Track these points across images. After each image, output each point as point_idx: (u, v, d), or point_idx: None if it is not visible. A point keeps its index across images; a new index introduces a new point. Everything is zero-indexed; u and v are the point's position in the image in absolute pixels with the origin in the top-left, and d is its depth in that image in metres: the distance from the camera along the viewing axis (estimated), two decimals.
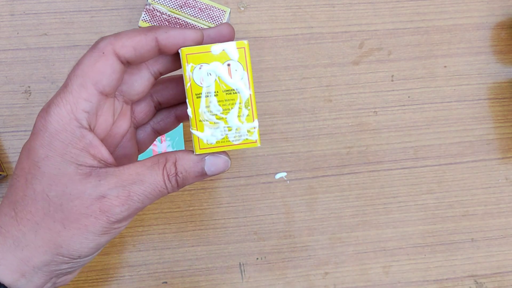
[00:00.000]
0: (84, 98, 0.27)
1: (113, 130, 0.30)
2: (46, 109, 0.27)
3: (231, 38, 0.29)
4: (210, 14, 0.42)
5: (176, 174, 0.28)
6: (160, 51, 0.28)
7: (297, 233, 0.45)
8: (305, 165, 0.45)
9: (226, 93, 0.28)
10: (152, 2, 0.42)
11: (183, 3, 0.42)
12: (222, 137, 0.28)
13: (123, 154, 0.32)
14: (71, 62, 0.45)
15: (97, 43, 0.27)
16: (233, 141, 0.28)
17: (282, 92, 0.46)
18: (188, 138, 0.44)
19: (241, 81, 0.28)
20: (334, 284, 0.44)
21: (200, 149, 0.28)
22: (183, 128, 0.43)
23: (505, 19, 0.48)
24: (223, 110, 0.28)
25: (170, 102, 0.34)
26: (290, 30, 0.47)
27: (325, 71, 0.46)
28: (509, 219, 0.46)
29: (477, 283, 0.45)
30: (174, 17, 0.42)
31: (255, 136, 0.28)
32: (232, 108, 0.28)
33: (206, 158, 0.28)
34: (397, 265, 0.45)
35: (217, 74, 0.28)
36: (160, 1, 0.42)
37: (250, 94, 0.28)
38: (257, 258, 0.44)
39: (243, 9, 0.47)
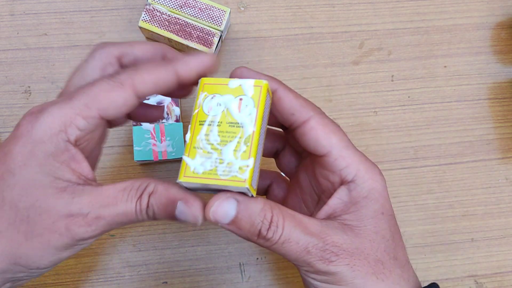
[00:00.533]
0: (84, 117, 0.26)
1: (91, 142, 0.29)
2: (36, 114, 0.26)
3: (211, 71, 0.29)
4: (210, 14, 0.42)
5: (147, 207, 0.26)
6: (179, 82, 0.28)
7: None
8: None
9: (230, 125, 0.27)
10: (152, 2, 0.42)
11: (183, 3, 0.42)
12: (211, 168, 0.26)
13: (94, 156, 0.31)
14: (71, 62, 0.45)
15: (117, 73, 0.27)
16: (220, 175, 0.26)
17: None
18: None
19: (248, 116, 0.27)
20: None
21: (184, 176, 0.26)
22: (183, 128, 0.43)
23: (505, 19, 0.48)
24: (221, 141, 0.26)
25: (139, 118, 0.34)
26: (290, 30, 0.47)
27: (325, 71, 0.46)
28: (509, 219, 0.46)
29: (477, 283, 0.45)
30: (174, 17, 0.42)
31: (246, 175, 0.25)
32: (230, 141, 0.26)
33: (178, 203, 0.26)
34: None
35: (226, 106, 0.27)
36: (160, 1, 0.42)
37: (254, 131, 0.26)
38: (257, 258, 0.44)
39: (243, 9, 0.47)
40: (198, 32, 0.42)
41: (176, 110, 0.42)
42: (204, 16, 0.42)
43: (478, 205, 0.46)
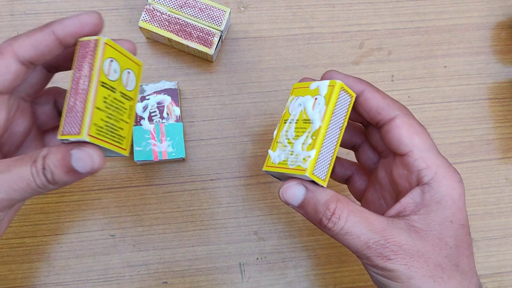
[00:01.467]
0: None
1: (13, 128, 0.30)
2: None
3: (93, 29, 0.28)
4: (210, 14, 0.42)
5: (43, 168, 0.26)
6: (62, 45, 0.28)
7: (297, 233, 0.45)
8: None
9: (303, 122, 0.30)
10: (152, 2, 0.42)
11: (183, 3, 0.42)
12: (284, 159, 0.30)
13: (17, 132, 0.31)
14: None
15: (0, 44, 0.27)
16: (289, 164, 0.29)
17: (282, 92, 0.46)
18: (188, 138, 0.44)
19: (318, 113, 0.29)
20: (334, 284, 0.44)
21: (266, 166, 0.31)
22: (183, 128, 0.43)
23: (505, 19, 0.48)
24: (295, 136, 0.30)
25: (62, 66, 0.33)
26: (290, 30, 0.47)
27: (325, 71, 0.46)
28: (509, 219, 0.46)
29: None
30: (174, 17, 0.42)
31: (307, 164, 0.28)
32: (301, 135, 0.30)
33: (72, 151, 0.26)
34: None
35: (304, 105, 0.30)
36: (160, 1, 0.42)
37: (320, 126, 0.29)
38: (257, 258, 0.44)
39: (243, 9, 0.47)
40: (198, 32, 0.42)
41: (176, 110, 0.42)
42: (204, 16, 0.42)
43: (478, 205, 0.46)
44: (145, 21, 0.42)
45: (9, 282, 0.42)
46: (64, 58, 0.30)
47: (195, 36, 0.42)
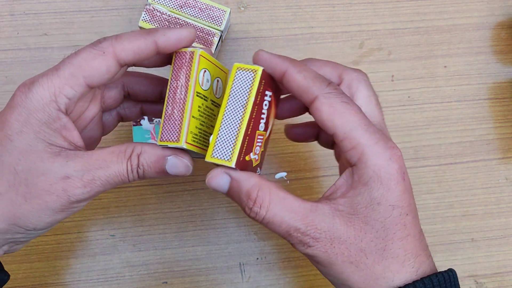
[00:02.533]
0: (71, 86, 0.28)
1: (84, 114, 0.32)
2: (28, 86, 0.28)
3: (189, 43, 0.30)
4: (210, 14, 0.42)
5: (138, 166, 0.29)
6: (158, 53, 0.30)
7: None
8: (305, 165, 0.45)
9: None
10: (152, 2, 0.42)
11: (183, 3, 0.42)
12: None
13: (89, 136, 0.33)
14: None
15: (99, 41, 0.28)
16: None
17: None
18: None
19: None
20: None
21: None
22: None
23: (505, 19, 0.48)
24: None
25: (138, 97, 0.35)
26: (290, 30, 0.47)
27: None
28: (509, 219, 0.46)
29: (477, 283, 0.45)
30: (174, 17, 0.42)
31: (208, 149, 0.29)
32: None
33: (168, 158, 0.29)
34: None
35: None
36: (160, 1, 0.42)
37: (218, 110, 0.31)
38: (257, 258, 0.44)
39: (243, 9, 0.47)
40: (198, 32, 0.42)
41: None
42: (204, 16, 0.42)
43: (478, 205, 0.46)
44: (145, 21, 0.42)
45: (9, 282, 0.42)
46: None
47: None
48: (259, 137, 0.31)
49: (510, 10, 0.48)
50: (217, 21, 0.42)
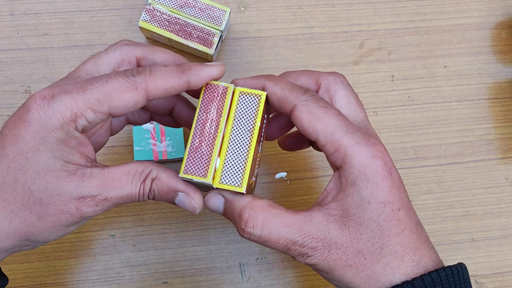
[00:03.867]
0: (94, 111, 0.27)
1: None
2: (48, 100, 0.26)
3: (218, 78, 0.30)
4: (210, 14, 0.42)
5: (150, 191, 0.29)
6: (187, 90, 0.30)
7: None
8: (305, 165, 0.45)
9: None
10: (152, 2, 0.42)
11: (183, 3, 0.42)
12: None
13: (97, 142, 0.33)
14: (71, 62, 0.45)
15: (132, 74, 0.27)
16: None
17: None
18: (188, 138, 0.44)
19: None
20: None
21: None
22: (183, 129, 0.43)
23: (505, 19, 0.48)
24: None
25: (148, 108, 0.35)
26: (290, 30, 0.47)
27: (325, 71, 0.46)
28: (509, 219, 0.46)
29: (477, 283, 0.45)
30: (174, 17, 0.42)
31: (213, 175, 0.29)
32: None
33: (179, 194, 0.29)
34: None
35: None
36: (160, 1, 0.42)
37: (222, 135, 0.30)
38: (257, 258, 0.44)
39: (243, 9, 0.47)
40: (198, 32, 0.42)
41: None
42: (204, 16, 0.42)
43: (478, 205, 0.46)
44: (145, 21, 0.42)
45: (9, 282, 0.42)
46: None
47: (195, 36, 0.42)
48: (257, 159, 0.32)
49: (510, 10, 0.48)
50: (217, 21, 0.42)
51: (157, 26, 0.42)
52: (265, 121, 0.32)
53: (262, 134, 0.32)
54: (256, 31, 0.46)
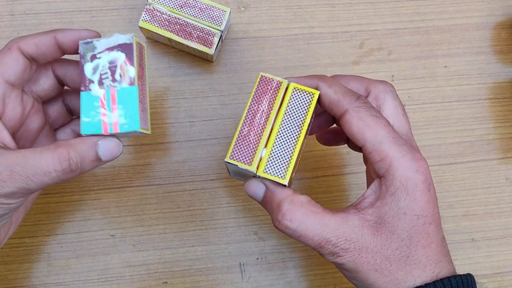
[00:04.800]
0: None
1: (28, 125, 0.34)
2: None
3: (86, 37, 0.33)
4: (210, 14, 0.42)
5: (70, 158, 0.29)
6: (61, 49, 0.32)
7: None
8: (305, 165, 0.45)
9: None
10: (152, 2, 0.42)
11: (183, 3, 0.42)
12: None
13: (30, 129, 0.34)
14: None
15: (8, 43, 0.31)
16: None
17: None
18: (188, 138, 0.44)
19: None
20: (334, 284, 0.44)
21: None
22: (137, 94, 0.33)
23: (505, 19, 0.48)
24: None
25: (75, 83, 0.36)
26: (290, 30, 0.46)
27: (325, 71, 0.46)
28: (510, 219, 0.46)
29: (477, 283, 0.45)
30: (174, 17, 0.42)
31: (258, 163, 0.30)
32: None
33: (98, 142, 0.30)
34: None
35: None
36: (160, 1, 0.42)
37: (272, 127, 0.31)
38: (257, 258, 0.44)
39: (243, 9, 0.47)
40: (198, 32, 0.42)
41: (131, 71, 0.32)
42: (204, 16, 0.42)
43: (478, 205, 0.46)
44: (145, 21, 0.42)
45: (9, 282, 0.42)
46: (70, 77, 0.35)
47: (195, 36, 0.42)
48: (299, 156, 0.33)
49: (510, 10, 0.48)
50: (217, 21, 0.42)
51: (157, 26, 0.42)
52: (312, 120, 0.33)
53: (308, 131, 0.33)
54: (256, 31, 0.46)
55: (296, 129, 0.31)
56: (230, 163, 0.30)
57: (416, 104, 0.47)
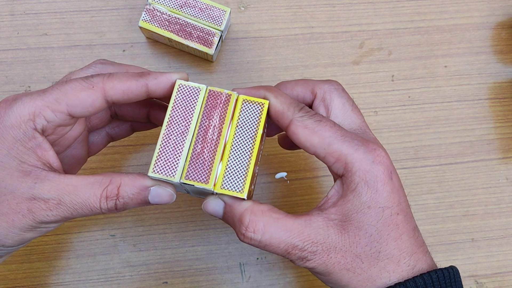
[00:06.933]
0: (52, 110, 0.28)
1: (67, 133, 0.32)
2: (10, 102, 0.28)
3: None
4: (210, 14, 0.42)
5: (118, 198, 0.28)
6: (149, 96, 0.30)
7: None
8: (305, 165, 0.45)
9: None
10: (152, 2, 0.42)
11: (183, 3, 0.42)
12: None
13: (72, 155, 0.33)
14: (71, 62, 0.45)
15: (91, 76, 0.29)
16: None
17: None
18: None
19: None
20: None
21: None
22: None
23: (506, 19, 0.48)
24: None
25: (125, 117, 0.35)
26: (290, 30, 0.46)
27: (325, 71, 0.46)
28: (510, 219, 0.46)
29: (477, 283, 0.45)
30: (174, 17, 0.42)
31: (214, 180, 0.29)
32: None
33: (151, 188, 0.29)
34: None
35: None
36: (160, 1, 0.42)
37: (225, 142, 0.30)
38: (258, 258, 0.44)
39: (243, 9, 0.47)
40: (198, 32, 0.42)
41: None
42: (204, 16, 0.42)
43: (478, 205, 0.46)
44: (145, 21, 0.42)
45: (9, 282, 0.42)
46: (129, 113, 0.34)
47: (195, 36, 0.42)
48: (257, 166, 0.32)
49: (510, 10, 0.48)
50: (217, 21, 0.42)
51: (157, 26, 0.42)
52: (265, 129, 0.33)
53: (263, 141, 0.32)
54: (256, 31, 0.46)
55: (249, 141, 0.30)
56: (186, 183, 0.29)
57: (416, 104, 0.47)
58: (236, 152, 0.29)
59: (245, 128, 0.30)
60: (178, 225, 0.44)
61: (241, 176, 0.29)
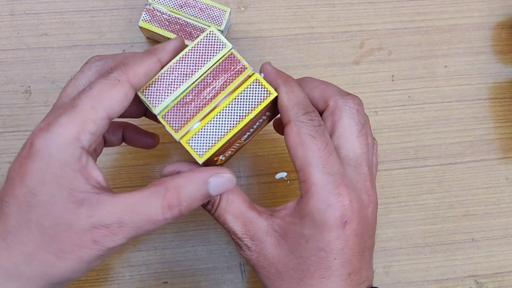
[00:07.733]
0: (93, 121, 0.26)
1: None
2: (46, 129, 0.26)
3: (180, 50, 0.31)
4: (210, 14, 0.42)
5: (180, 204, 0.27)
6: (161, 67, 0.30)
7: None
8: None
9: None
10: (152, 2, 0.42)
11: (183, 3, 0.42)
12: None
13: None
14: (71, 62, 0.45)
15: (109, 72, 0.27)
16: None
17: None
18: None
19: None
20: None
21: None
22: None
23: (506, 19, 0.48)
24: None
25: (123, 114, 0.33)
26: (290, 30, 0.46)
27: (325, 71, 0.46)
28: (510, 219, 0.46)
29: (477, 283, 0.45)
30: (174, 17, 0.42)
31: (185, 131, 0.30)
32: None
33: (209, 180, 0.27)
34: (397, 265, 0.45)
35: None
36: (160, 1, 0.42)
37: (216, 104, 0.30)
38: None
39: (243, 9, 0.47)
40: (198, 32, 0.42)
41: None
42: (204, 16, 0.42)
43: (478, 205, 0.46)
44: (145, 21, 0.42)
45: None
46: None
47: (195, 36, 0.42)
48: (236, 144, 0.32)
49: (511, 10, 0.48)
50: (217, 21, 0.42)
51: (157, 26, 0.42)
52: (264, 117, 0.32)
53: (255, 126, 0.32)
54: (256, 31, 0.46)
55: (236, 118, 0.29)
56: (160, 121, 0.29)
57: (416, 104, 0.47)
58: (218, 121, 0.29)
59: (240, 105, 0.29)
60: (178, 225, 0.44)
61: (209, 143, 0.29)
